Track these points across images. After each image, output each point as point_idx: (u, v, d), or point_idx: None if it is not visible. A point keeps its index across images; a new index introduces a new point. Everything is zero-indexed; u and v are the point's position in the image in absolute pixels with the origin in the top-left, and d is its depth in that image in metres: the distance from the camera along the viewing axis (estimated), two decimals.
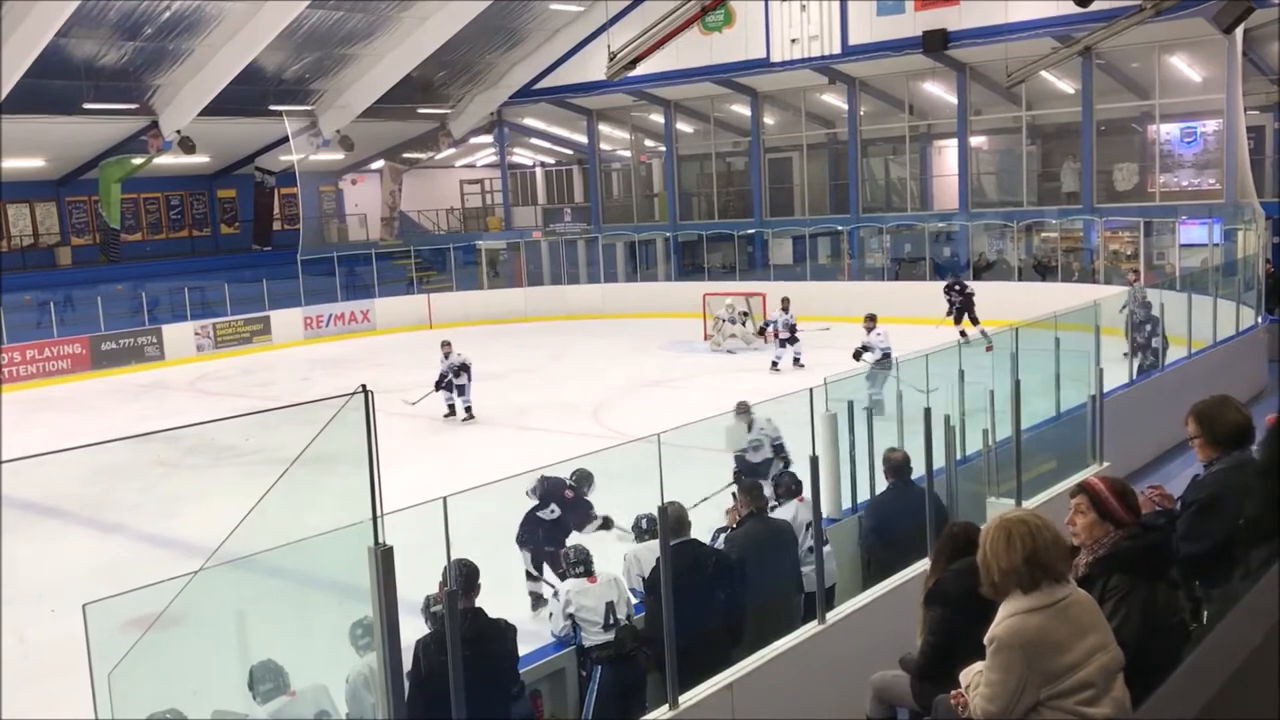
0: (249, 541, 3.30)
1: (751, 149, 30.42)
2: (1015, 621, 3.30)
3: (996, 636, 3.32)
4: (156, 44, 24.87)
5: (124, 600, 3.09)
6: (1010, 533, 3.32)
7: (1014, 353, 8.84)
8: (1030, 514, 3.49)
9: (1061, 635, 3.28)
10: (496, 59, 31.52)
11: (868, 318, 16.93)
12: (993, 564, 3.33)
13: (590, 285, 31.46)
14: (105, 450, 11.47)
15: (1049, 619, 3.28)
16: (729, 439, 9.55)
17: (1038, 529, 3.34)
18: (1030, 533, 3.31)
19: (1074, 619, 3.32)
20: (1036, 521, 3.39)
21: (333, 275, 29.51)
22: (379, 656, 3.46)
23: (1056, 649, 3.27)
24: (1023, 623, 3.29)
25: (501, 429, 16.59)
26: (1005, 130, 27.87)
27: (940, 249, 27.21)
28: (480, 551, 5.22)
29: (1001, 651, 3.30)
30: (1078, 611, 3.34)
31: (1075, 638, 3.29)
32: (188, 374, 23.93)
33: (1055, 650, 3.27)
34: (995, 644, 3.31)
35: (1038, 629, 3.27)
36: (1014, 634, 3.29)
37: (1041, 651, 3.26)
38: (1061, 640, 3.28)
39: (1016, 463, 8.12)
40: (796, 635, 5.62)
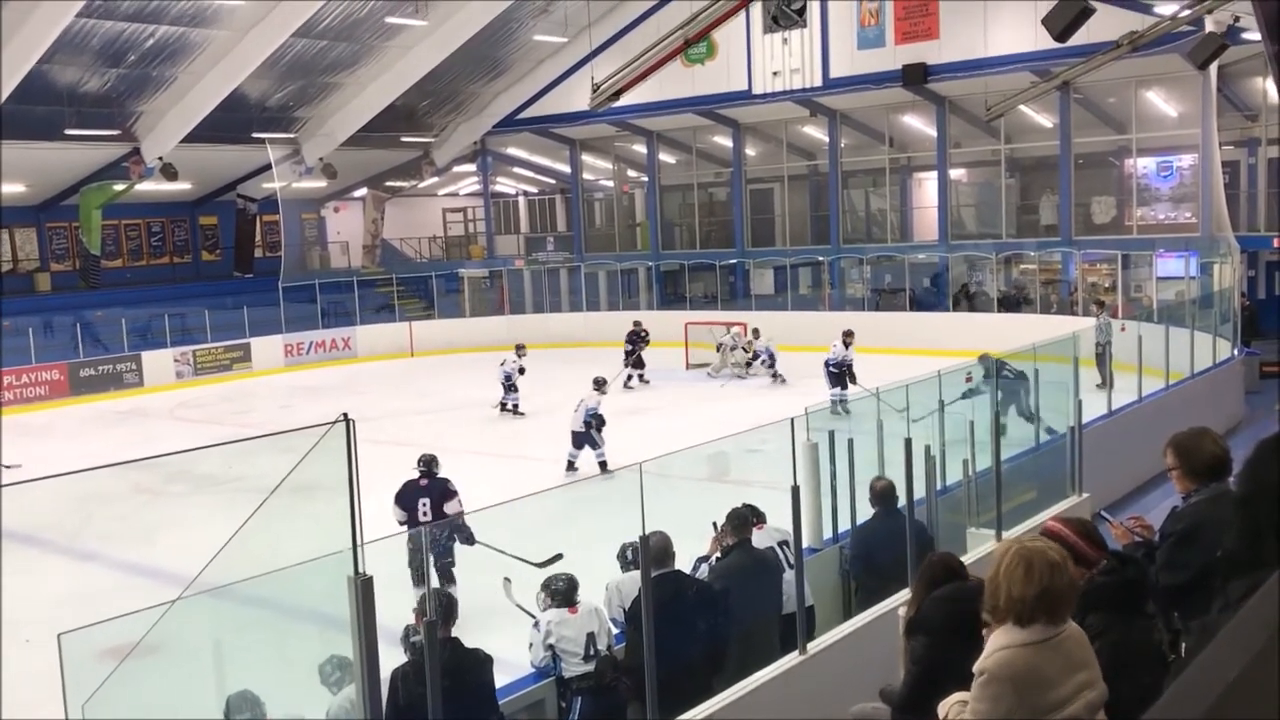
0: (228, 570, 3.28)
1: (733, 180, 30.59)
2: (1008, 655, 3.25)
3: (987, 669, 3.27)
4: (140, 70, 24.88)
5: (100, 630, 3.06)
6: (1031, 563, 3.23)
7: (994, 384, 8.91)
8: (1054, 548, 3.38)
9: (1053, 671, 3.24)
10: (480, 88, 31.66)
11: (845, 333, 18.86)
12: (1003, 589, 3.24)
13: (572, 314, 31.48)
14: (83, 478, 11.36)
15: (1042, 654, 3.23)
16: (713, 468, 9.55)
17: (1058, 567, 3.25)
18: (1050, 568, 3.23)
19: (1066, 654, 3.28)
20: (1058, 558, 3.29)
21: (314, 303, 29.44)
22: (358, 686, 3.44)
23: (1047, 685, 3.23)
24: (1015, 656, 3.24)
25: (484, 457, 16.52)
26: (984, 163, 28.14)
27: (920, 280, 27.38)
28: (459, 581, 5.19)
29: (991, 684, 3.26)
30: (1070, 646, 3.30)
31: (1066, 673, 3.25)
32: (167, 401, 23.77)
33: (1045, 686, 3.23)
34: (985, 676, 3.27)
35: (1029, 664, 3.22)
36: (1005, 667, 3.25)
37: (1031, 686, 3.22)
38: (1053, 676, 3.24)
39: (997, 493, 8.16)
40: (777, 666, 5.60)
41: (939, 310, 26.16)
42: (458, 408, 21.18)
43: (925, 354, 20.57)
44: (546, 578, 6.12)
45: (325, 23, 25.24)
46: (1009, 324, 22.67)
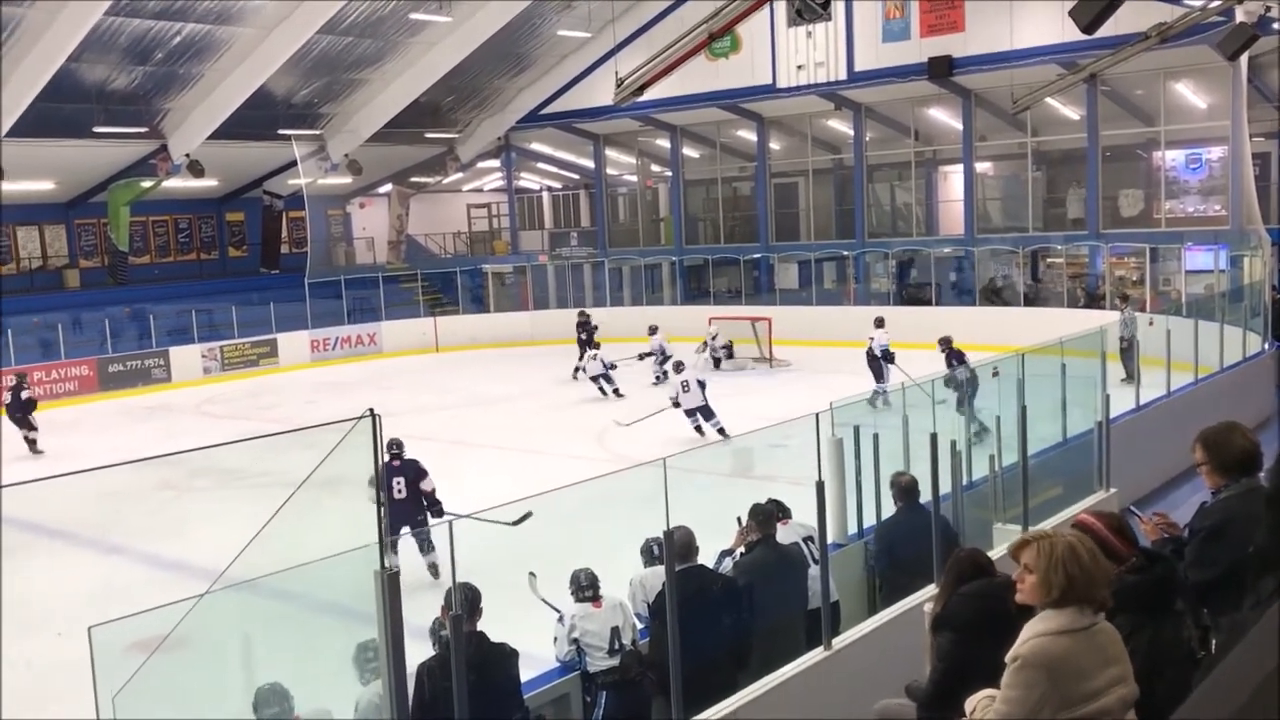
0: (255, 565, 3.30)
1: (757, 174, 30.50)
2: (1043, 642, 3.28)
3: (1021, 655, 3.30)
4: (167, 68, 25.05)
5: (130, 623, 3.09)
6: (1073, 548, 3.37)
7: (1020, 378, 8.83)
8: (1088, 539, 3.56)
9: (1087, 662, 3.26)
10: (504, 84, 31.70)
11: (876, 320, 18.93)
12: (1044, 565, 3.33)
13: (596, 309, 31.44)
14: (111, 472, 11.48)
15: (1076, 643, 3.26)
16: (736, 463, 9.54)
17: (1095, 554, 3.41)
18: (1089, 554, 3.38)
19: (1100, 647, 3.30)
20: (1094, 546, 3.46)
21: (340, 298, 29.59)
22: (385, 679, 3.45)
23: (1080, 674, 3.25)
24: (1050, 644, 3.27)
25: (506, 452, 16.57)
26: (1010, 156, 27.94)
27: (946, 274, 27.25)
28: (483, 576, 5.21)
29: (1025, 669, 3.27)
30: (1104, 640, 3.33)
31: (1100, 666, 3.27)
32: (194, 396, 23.97)
33: (1079, 676, 3.25)
34: (1019, 661, 3.29)
35: (1064, 651, 3.25)
36: (1039, 653, 3.27)
37: (1064, 674, 3.24)
38: (1086, 667, 3.26)
39: (1023, 488, 8.10)
40: (802, 661, 5.59)
41: (964, 305, 26.00)
42: (481, 403, 21.26)
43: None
44: (573, 571, 6.13)
45: (350, 19, 25.33)
46: (1035, 318, 22.51)
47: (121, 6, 21.95)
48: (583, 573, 6.15)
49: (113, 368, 25.01)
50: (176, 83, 25.73)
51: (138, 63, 24.53)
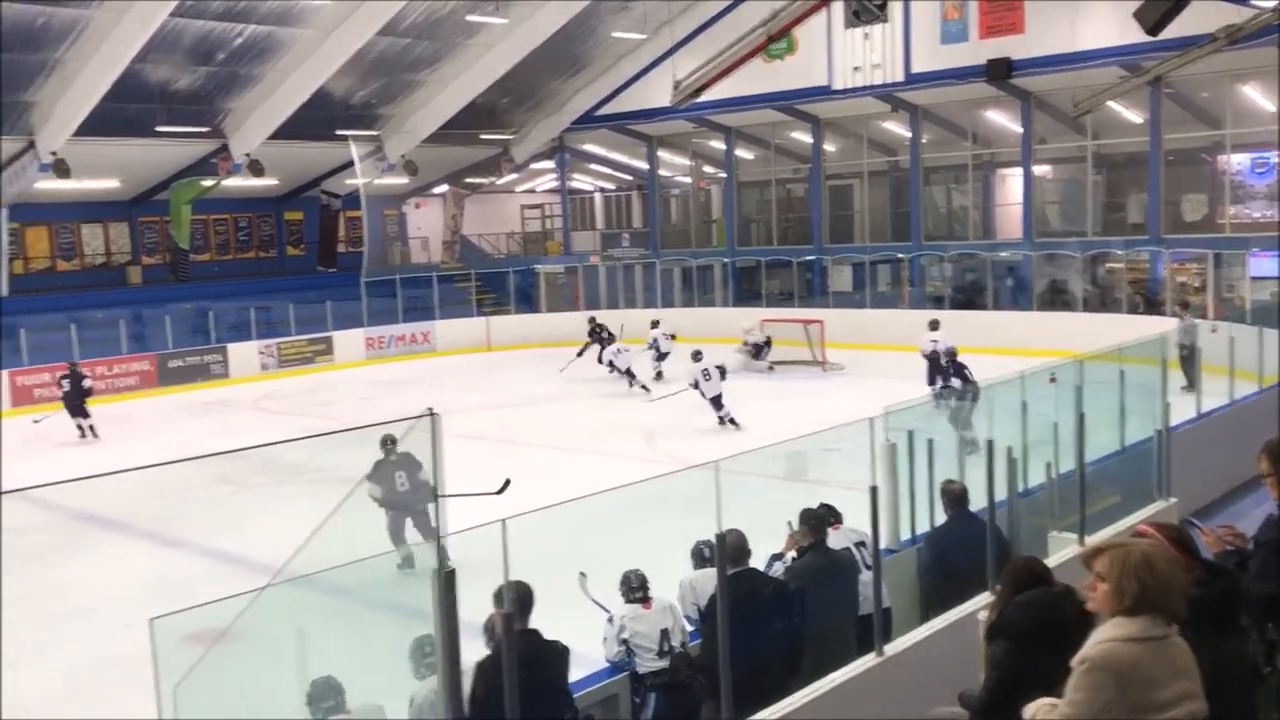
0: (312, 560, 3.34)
1: (812, 176, 30.36)
2: (1113, 647, 3.24)
3: (1089, 657, 3.26)
4: (228, 69, 25.45)
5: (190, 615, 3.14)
6: (1149, 556, 3.36)
7: (1078, 385, 8.70)
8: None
9: (1157, 672, 3.21)
10: (559, 85, 31.83)
11: (931, 323, 18.61)
12: (1117, 573, 3.32)
13: (647, 310, 31.47)
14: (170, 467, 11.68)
15: (1147, 652, 3.22)
16: (789, 467, 9.49)
17: (1174, 563, 3.43)
18: (1166, 563, 3.37)
19: (1171, 659, 3.25)
20: (1172, 557, 3.49)
21: (395, 297, 29.87)
22: (440, 676, 3.47)
23: (1150, 684, 3.20)
24: (1120, 649, 3.23)
25: (556, 452, 16.63)
26: (1070, 159, 27.55)
27: (1003, 278, 26.92)
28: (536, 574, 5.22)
29: (1092, 673, 3.24)
30: (1175, 653, 3.28)
31: (1170, 678, 3.22)
32: (252, 392, 24.31)
33: (1148, 685, 3.20)
34: (1087, 664, 3.25)
35: (1134, 658, 3.21)
36: (1108, 658, 3.23)
37: (1133, 682, 3.20)
38: (1156, 676, 3.21)
39: (1080, 496, 7.97)
40: (854, 667, 5.55)
41: (1022, 309, 25.68)
42: (532, 403, 21.36)
43: (1007, 354, 20.20)
44: (624, 573, 6.13)
45: (408, 21, 25.57)
46: (1094, 324, 22.18)
47: (186, 8, 22.33)
48: (633, 574, 6.15)
49: (172, 363, 25.45)
50: (238, 83, 26.12)
51: (200, 63, 24.94)
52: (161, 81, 25.12)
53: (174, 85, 25.43)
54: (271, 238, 34.31)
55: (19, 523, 12.52)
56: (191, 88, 25.74)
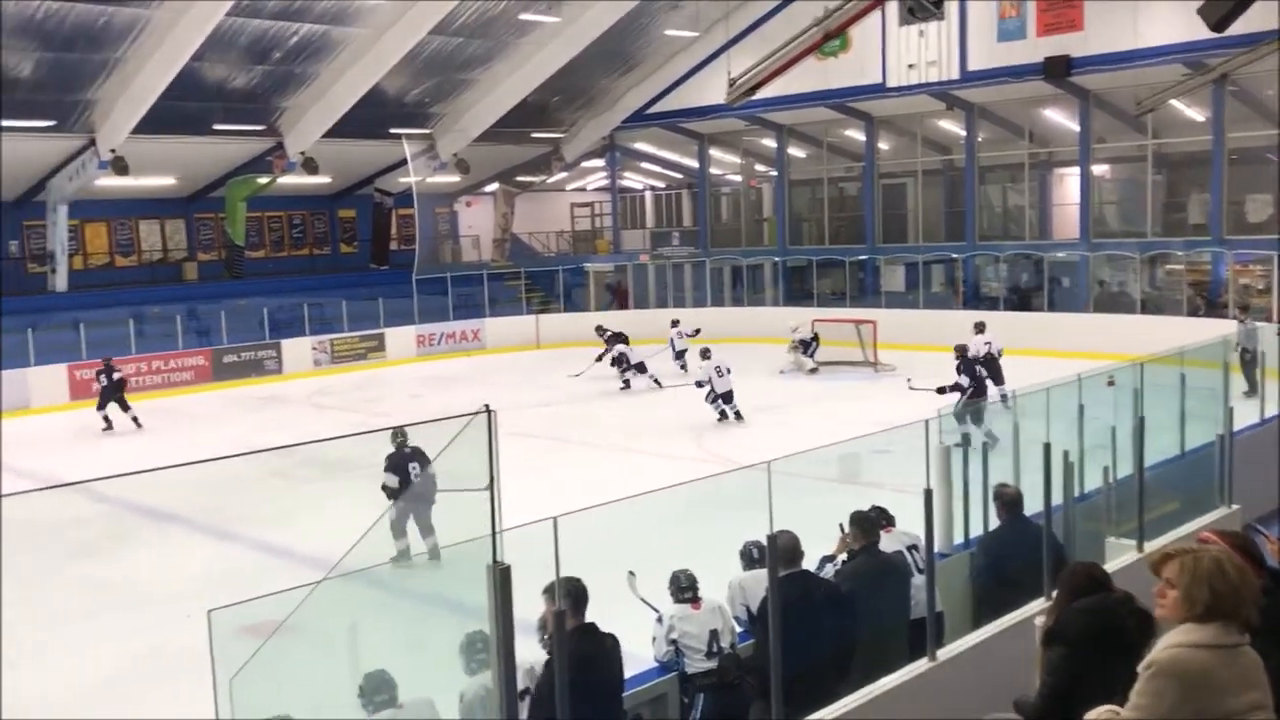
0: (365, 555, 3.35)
1: (865, 174, 30.13)
2: (1181, 652, 3.17)
3: (1156, 661, 3.19)
4: (284, 68, 25.75)
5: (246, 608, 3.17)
6: (1220, 563, 3.28)
7: (1137, 388, 8.54)
8: None
9: (1226, 680, 3.14)
10: (611, 84, 31.87)
11: (976, 325, 18.61)
12: (1187, 581, 3.25)
13: (697, 309, 31.42)
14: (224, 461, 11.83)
15: (1217, 659, 3.14)
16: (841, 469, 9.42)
17: (1245, 571, 3.34)
18: (1238, 570, 3.29)
19: (1242, 669, 3.17)
20: (1244, 563, 3.41)
21: (446, 295, 30.08)
22: (495, 674, 3.47)
23: (1217, 691, 3.12)
24: (1188, 655, 3.16)
25: (604, 451, 16.64)
26: (1129, 159, 27.08)
27: (1059, 279, 26.56)
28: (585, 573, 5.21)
29: (1158, 678, 3.17)
30: (1247, 663, 3.20)
31: (1240, 687, 3.14)
32: (304, 388, 24.58)
33: (1215, 692, 3.12)
34: (1154, 669, 3.19)
35: (1202, 666, 3.14)
36: (1175, 663, 3.16)
37: (1200, 689, 3.12)
38: (1225, 685, 3.13)
39: (1139, 502, 7.82)
40: (907, 671, 5.48)
41: (1078, 311, 25.31)
42: (581, 401, 21.40)
43: (1063, 356, 19.92)
44: (673, 573, 6.10)
45: (461, 20, 25.72)
46: (1152, 326, 21.79)
47: (242, 7, 22.63)
48: (682, 574, 6.12)
49: (227, 359, 25.81)
50: (293, 82, 26.43)
51: (256, 62, 25.26)
52: (218, 80, 25.48)
53: (231, 84, 25.78)
54: (325, 235, 34.69)
55: (76, 514, 12.78)
56: (248, 86, 26.08)
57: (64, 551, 11.86)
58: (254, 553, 11.83)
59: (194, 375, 25.17)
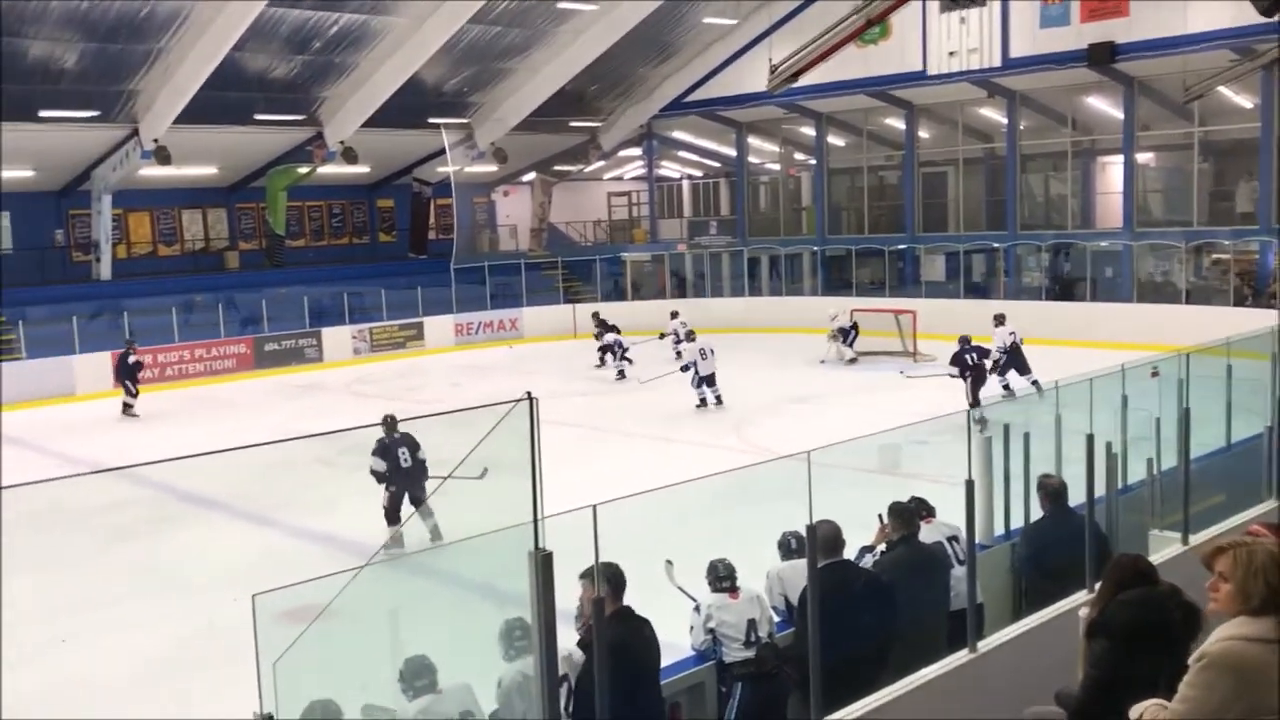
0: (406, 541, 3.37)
1: (905, 163, 29.88)
2: (1234, 645, 3.14)
3: (1208, 654, 3.16)
4: (324, 58, 25.91)
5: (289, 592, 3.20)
6: (1274, 556, 3.25)
7: (1182, 379, 8.42)
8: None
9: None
10: (648, 72, 31.80)
11: (996, 318, 18.73)
12: (1258, 581, 3.20)
13: (734, 298, 31.36)
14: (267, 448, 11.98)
15: (1271, 654, 3.10)
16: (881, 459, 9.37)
17: None
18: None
19: None
20: None
21: (484, 284, 30.21)
22: (536, 660, 3.49)
23: (1271, 687, 3.08)
24: (1241, 648, 3.12)
25: (641, 440, 16.65)
26: (1174, 146, 26.67)
27: (1102, 269, 26.23)
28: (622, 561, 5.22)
29: (1210, 669, 3.14)
30: None
31: None
32: (344, 376, 24.78)
33: (1269, 688, 3.08)
34: (1205, 660, 3.15)
35: (1256, 659, 3.10)
36: (1228, 655, 3.12)
37: (1253, 683, 3.09)
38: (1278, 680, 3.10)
39: (1184, 494, 7.71)
40: (947, 663, 5.43)
41: (1122, 301, 25.00)
42: (618, 390, 21.42)
43: (1106, 347, 19.67)
44: (710, 562, 6.10)
45: (499, 9, 25.75)
46: (1198, 316, 21.48)
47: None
48: (720, 563, 6.11)
49: (268, 347, 26.06)
50: (333, 72, 26.59)
51: (296, 52, 25.43)
52: (259, 70, 25.68)
53: (271, 74, 25.98)
54: (364, 224, 34.90)
55: (120, 499, 12.97)
56: (288, 76, 26.28)
57: (109, 535, 12.04)
58: (296, 539, 11.95)
59: (236, 363, 25.44)
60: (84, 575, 10.87)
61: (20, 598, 10.36)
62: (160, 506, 13.18)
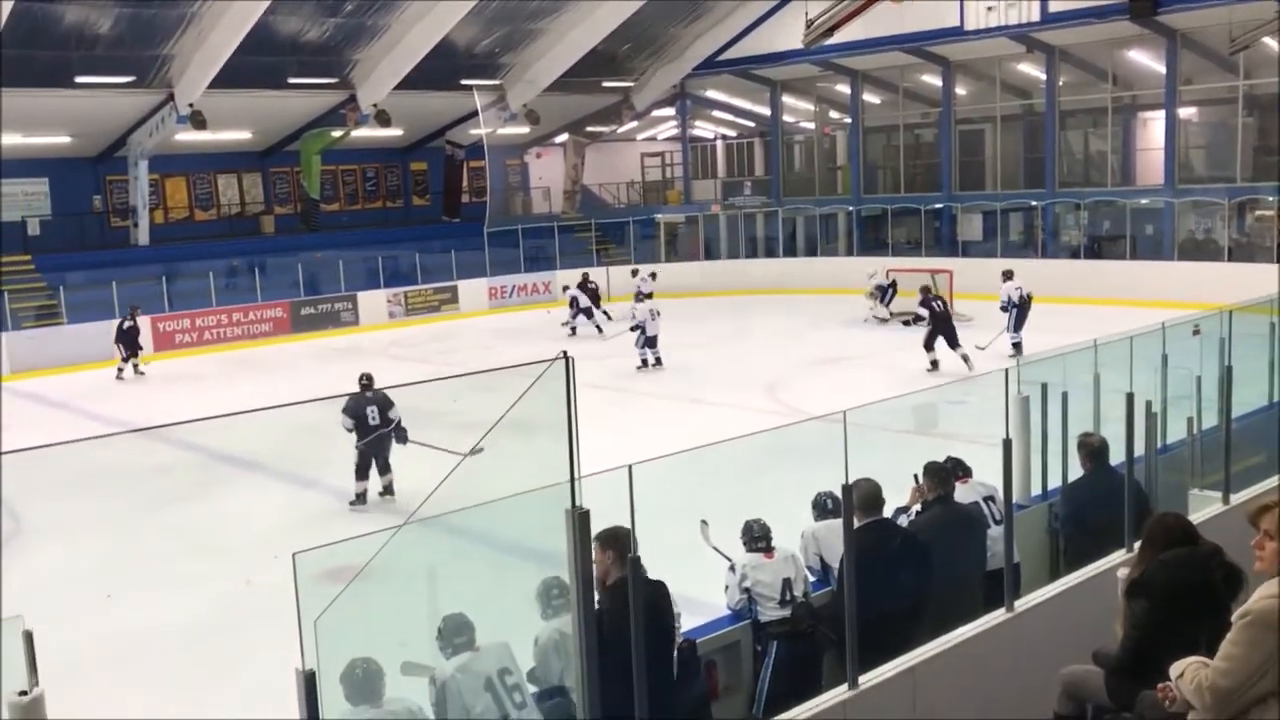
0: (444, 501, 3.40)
1: (942, 120, 29.51)
2: (1277, 604, 3.11)
3: (1252, 611, 3.15)
4: (355, 20, 25.85)
5: (329, 551, 3.23)
6: None
7: (1223, 337, 8.31)
8: None
9: None
10: (681, 31, 31.49)
11: (1005, 273, 19.25)
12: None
13: (769, 260, 31.22)
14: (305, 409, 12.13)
15: None
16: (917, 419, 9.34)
17: None
18: None
19: None
20: None
21: (517, 247, 30.22)
22: (575, 617, 3.51)
23: None
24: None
25: (675, 403, 16.66)
26: (1218, 101, 26.16)
27: (1142, 227, 25.86)
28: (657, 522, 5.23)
29: (1253, 627, 3.12)
30: None
31: None
32: (380, 340, 24.94)
33: None
34: (1249, 618, 3.14)
35: None
36: (1272, 613, 3.10)
37: None
38: None
39: (1225, 453, 7.63)
40: (983, 622, 5.42)
41: (1163, 259, 24.66)
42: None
43: (1147, 305, 19.44)
44: (745, 522, 6.11)
45: None
46: (1240, 274, 21.15)
47: None
48: (755, 523, 6.12)
49: (305, 311, 26.27)
50: (365, 34, 26.54)
51: (328, 15, 25.40)
52: (291, 34, 25.68)
53: (303, 37, 25.98)
54: (398, 188, 34.95)
55: (162, 461, 13.16)
56: (320, 39, 26.26)
57: (152, 497, 12.23)
58: (334, 499, 12.09)
59: (273, 327, 25.67)
60: (128, 536, 11.07)
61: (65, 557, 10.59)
62: (202, 468, 13.37)
